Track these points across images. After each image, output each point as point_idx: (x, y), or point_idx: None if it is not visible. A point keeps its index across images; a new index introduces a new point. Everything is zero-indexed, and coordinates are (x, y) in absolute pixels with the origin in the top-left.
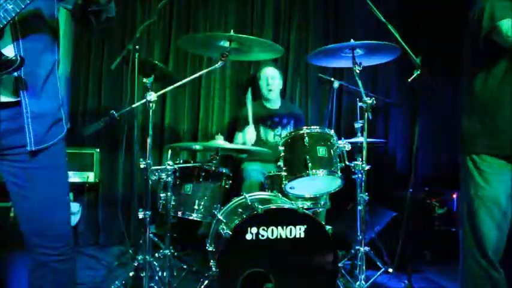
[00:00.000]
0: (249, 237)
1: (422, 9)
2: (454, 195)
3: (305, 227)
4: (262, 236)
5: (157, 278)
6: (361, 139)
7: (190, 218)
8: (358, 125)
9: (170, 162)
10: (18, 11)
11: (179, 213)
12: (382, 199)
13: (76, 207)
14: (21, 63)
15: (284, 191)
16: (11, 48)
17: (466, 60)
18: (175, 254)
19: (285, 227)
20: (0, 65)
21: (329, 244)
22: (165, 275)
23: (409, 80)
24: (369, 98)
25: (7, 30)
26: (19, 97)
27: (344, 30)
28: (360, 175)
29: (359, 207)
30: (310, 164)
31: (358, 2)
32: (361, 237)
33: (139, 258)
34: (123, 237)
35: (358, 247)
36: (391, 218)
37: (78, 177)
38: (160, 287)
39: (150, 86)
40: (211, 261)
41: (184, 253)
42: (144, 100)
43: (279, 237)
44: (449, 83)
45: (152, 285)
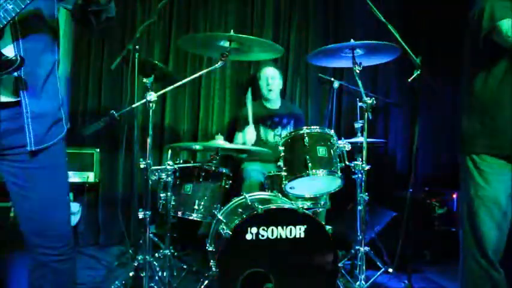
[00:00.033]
0: (249, 237)
1: (422, 9)
2: (454, 195)
3: (305, 227)
4: (262, 236)
5: (157, 278)
6: (361, 139)
7: (190, 218)
8: (358, 125)
9: (170, 162)
10: (18, 11)
11: (179, 213)
12: (382, 199)
13: (76, 207)
14: (21, 63)
15: (284, 191)
16: (11, 48)
17: (466, 60)
18: (175, 254)
19: (285, 227)
20: (0, 65)
21: (329, 244)
22: (165, 275)
23: (409, 80)
24: (369, 98)
25: (7, 30)
26: (19, 97)
27: (344, 30)
28: (360, 175)
29: (359, 207)
30: (310, 164)
31: (358, 2)
32: (361, 237)
33: (139, 258)
34: (123, 237)
35: (358, 247)
36: (391, 218)
37: (78, 177)
38: (160, 287)
39: (150, 86)
40: (211, 261)
41: (184, 253)
42: (144, 100)
43: (279, 237)
44: (449, 83)
45: (152, 285)
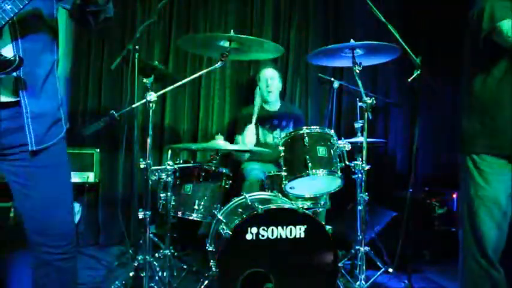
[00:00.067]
0: (249, 237)
1: (422, 9)
2: (454, 195)
3: (305, 227)
4: (263, 236)
5: (157, 278)
6: (361, 139)
7: (190, 218)
8: (358, 125)
9: (170, 162)
10: (16, 11)
11: (179, 213)
12: (382, 199)
13: (76, 207)
14: (19, 64)
15: (284, 191)
16: (10, 48)
17: (466, 60)
18: (175, 254)
19: (285, 227)
20: None
21: (329, 244)
22: (165, 275)
23: (409, 80)
24: (368, 98)
25: (6, 30)
26: (18, 97)
27: (344, 30)
28: (360, 175)
29: (359, 207)
30: (310, 164)
31: (358, 2)
32: (361, 237)
33: (139, 258)
34: (123, 237)
35: (358, 247)
36: (391, 218)
37: (78, 177)
38: (160, 287)
39: (150, 86)
40: (211, 261)
41: (184, 253)
42: (144, 100)
43: (279, 237)
44: (449, 83)
45: (152, 285)
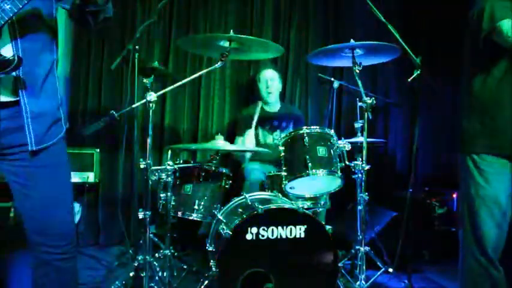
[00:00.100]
0: (249, 237)
1: (422, 9)
2: (454, 195)
3: (305, 227)
4: (263, 236)
5: (157, 278)
6: (361, 139)
7: (190, 218)
8: (358, 125)
9: (170, 163)
10: (15, 11)
11: (179, 213)
12: (382, 199)
13: (76, 207)
14: (18, 63)
15: (284, 191)
16: (9, 47)
17: (466, 60)
18: (175, 254)
19: (285, 227)
20: None
21: (329, 244)
22: (165, 275)
23: (409, 80)
24: (368, 98)
25: (5, 30)
26: (18, 97)
27: (344, 30)
28: (360, 175)
29: (359, 207)
30: (310, 164)
31: (358, 2)
32: (361, 237)
33: (139, 259)
34: (123, 237)
35: (358, 247)
36: (391, 218)
37: (78, 177)
38: (160, 287)
39: (150, 86)
40: (211, 261)
41: (184, 253)
42: (144, 100)
43: (279, 237)
44: (449, 83)
45: (152, 285)
